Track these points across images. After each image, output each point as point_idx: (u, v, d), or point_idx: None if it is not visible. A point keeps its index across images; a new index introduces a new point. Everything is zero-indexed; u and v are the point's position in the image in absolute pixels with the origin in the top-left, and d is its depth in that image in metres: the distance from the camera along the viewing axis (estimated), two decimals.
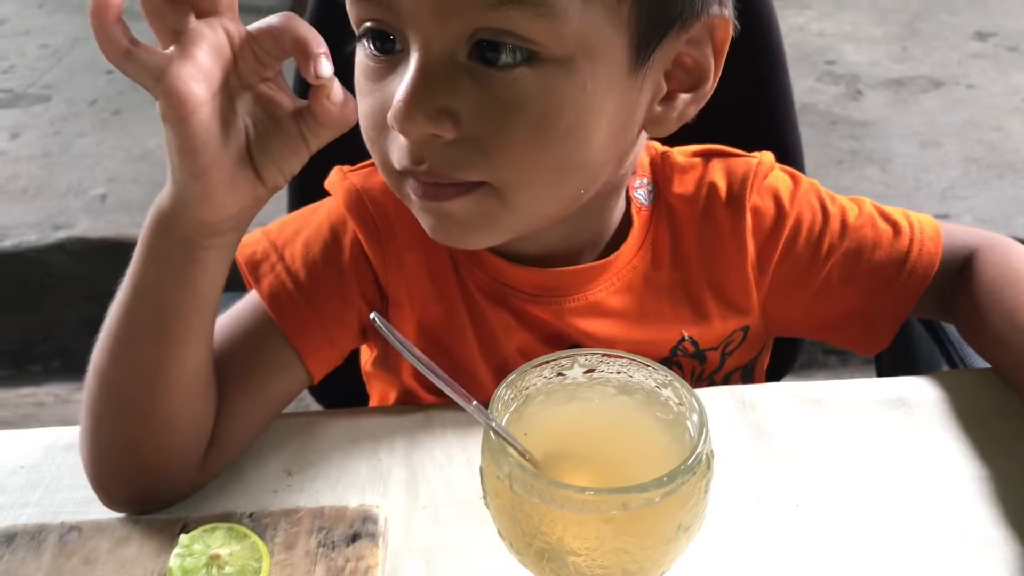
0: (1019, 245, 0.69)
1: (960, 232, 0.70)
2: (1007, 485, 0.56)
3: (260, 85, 0.51)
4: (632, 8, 0.52)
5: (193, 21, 0.49)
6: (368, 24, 0.53)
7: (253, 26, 0.51)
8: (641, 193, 0.67)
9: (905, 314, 0.68)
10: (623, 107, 0.54)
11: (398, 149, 0.54)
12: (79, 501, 0.58)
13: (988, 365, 0.66)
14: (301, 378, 0.63)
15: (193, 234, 0.53)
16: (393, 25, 0.52)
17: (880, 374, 0.84)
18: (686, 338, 0.67)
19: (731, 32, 0.56)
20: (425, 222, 0.57)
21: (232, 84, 0.50)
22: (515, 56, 0.50)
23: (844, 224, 0.68)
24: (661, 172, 0.68)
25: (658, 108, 0.57)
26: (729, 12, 0.56)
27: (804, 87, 2.79)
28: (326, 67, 0.49)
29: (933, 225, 0.69)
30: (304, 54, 0.49)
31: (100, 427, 0.57)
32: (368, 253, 0.64)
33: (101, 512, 0.57)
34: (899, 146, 2.49)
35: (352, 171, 0.67)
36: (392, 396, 0.73)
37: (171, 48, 0.48)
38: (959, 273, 0.68)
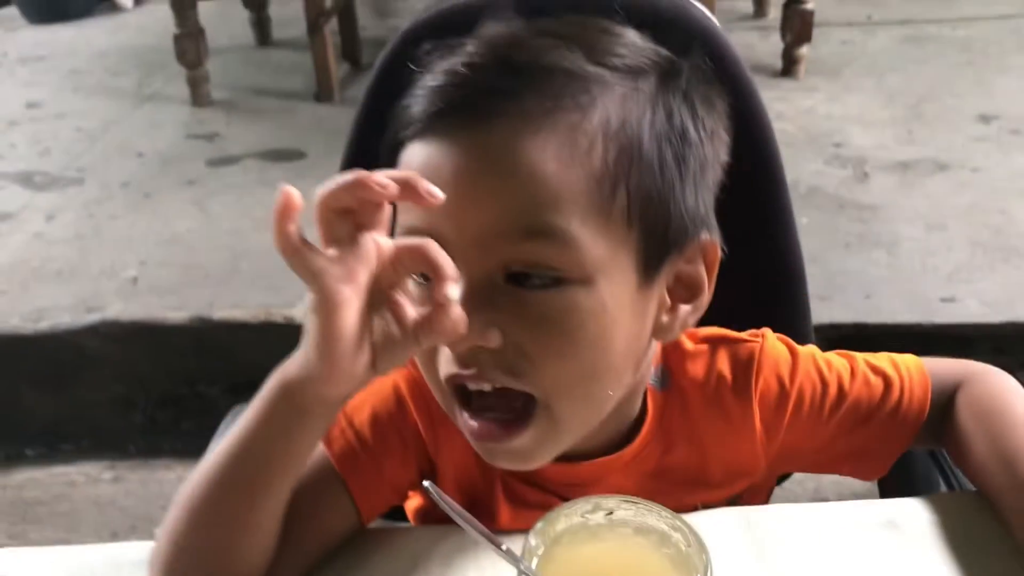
0: (1001, 373, 0.76)
1: (944, 369, 0.77)
2: None
3: (392, 292, 0.59)
4: (639, 237, 0.63)
5: (353, 232, 0.57)
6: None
7: (398, 242, 0.59)
8: (653, 379, 0.75)
9: (900, 452, 0.76)
10: (636, 319, 0.64)
11: (447, 361, 0.62)
12: None
13: None
14: (352, 522, 0.72)
15: (309, 403, 0.61)
16: None
17: (881, 489, 0.90)
18: (698, 506, 0.74)
19: (719, 254, 0.68)
20: (480, 450, 0.66)
21: (372, 289, 0.58)
22: (543, 280, 0.60)
23: (841, 390, 0.76)
24: (672, 357, 0.76)
25: (664, 318, 0.68)
26: (716, 236, 0.67)
27: (812, 170, 2.87)
28: (455, 291, 0.57)
29: (919, 368, 0.77)
30: (438, 275, 0.56)
31: (181, 555, 0.65)
32: (423, 435, 0.74)
33: None
34: (905, 229, 2.55)
35: (413, 362, 0.75)
36: None
37: (331, 251, 0.56)
38: (947, 408, 0.75)
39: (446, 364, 0.64)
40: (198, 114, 3.65)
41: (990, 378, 0.77)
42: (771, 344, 0.77)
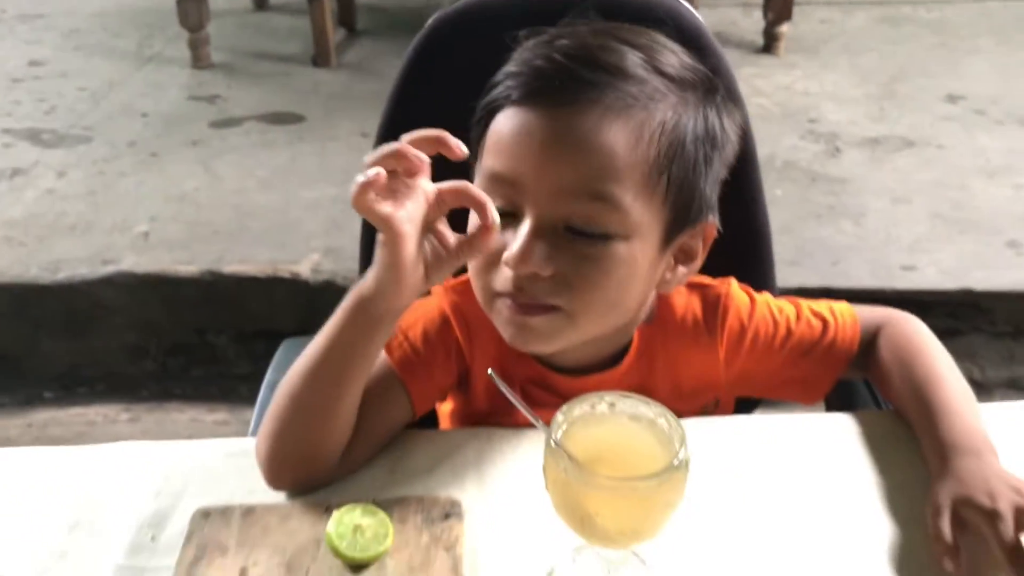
0: (914, 318, 0.95)
1: (870, 314, 0.96)
2: (903, 489, 0.81)
3: (438, 224, 0.77)
4: (668, 213, 0.81)
5: (404, 183, 0.74)
6: (502, 195, 0.80)
7: (440, 185, 0.75)
8: (642, 315, 0.93)
9: (834, 380, 0.96)
10: (650, 272, 0.83)
11: (504, 280, 0.80)
12: (245, 492, 0.82)
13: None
14: (408, 415, 0.90)
15: (381, 312, 0.78)
16: (516, 202, 0.79)
17: (828, 409, 1.08)
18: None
19: (715, 233, 0.87)
20: (506, 331, 0.83)
21: (428, 221, 0.75)
22: (596, 232, 0.79)
23: (788, 328, 0.94)
24: (657, 297, 0.93)
25: (667, 276, 0.87)
26: (715, 218, 0.86)
27: (788, 144, 3.03)
28: (497, 216, 0.74)
29: (851, 313, 0.95)
30: (481, 209, 0.74)
31: (284, 430, 0.82)
32: (463, 348, 0.92)
33: (261, 499, 0.81)
34: (872, 201, 2.72)
35: (451, 287, 0.93)
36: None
37: (387, 203, 0.72)
38: (871, 345, 0.93)
39: (502, 281, 0.81)
40: (199, 76, 3.76)
41: (905, 322, 0.95)
42: (734, 290, 0.96)
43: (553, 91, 0.78)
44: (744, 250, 1.18)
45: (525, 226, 0.78)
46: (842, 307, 0.97)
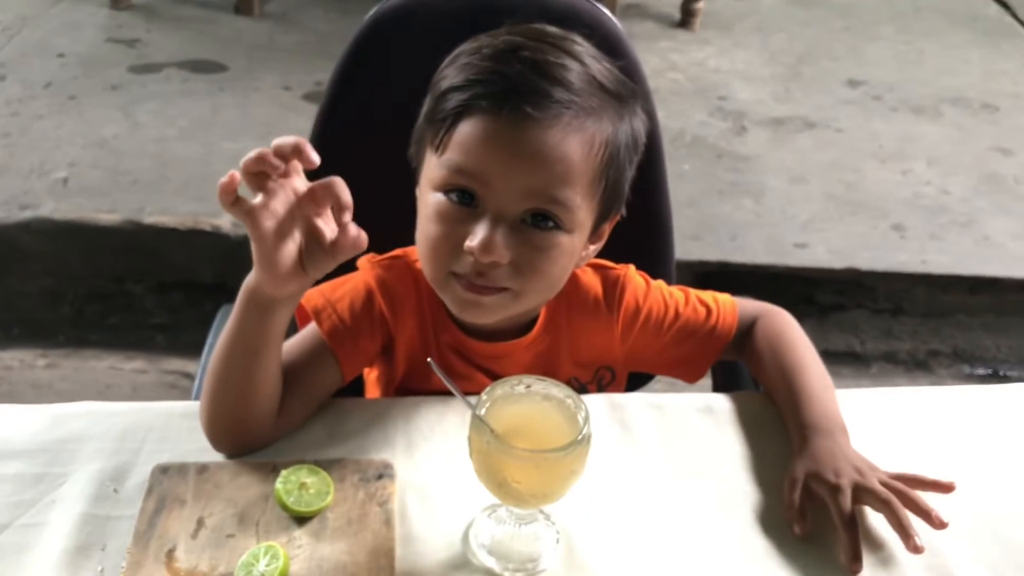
0: (785, 313, 1.09)
1: (749, 306, 1.10)
2: (768, 461, 0.96)
3: (315, 219, 0.82)
4: (600, 209, 0.94)
5: (272, 182, 0.80)
6: (461, 188, 0.89)
7: (313, 183, 0.81)
8: None
9: (712, 361, 1.10)
10: (578, 255, 0.95)
11: (465, 264, 0.90)
12: (197, 451, 0.92)
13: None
14: (338, 380, 0.99)
15: (267, 301, 0.86)
16: (479, 195, 0.89)
17: (715, 389, 1.22)
18: (572, 379, 1.07)
19: (619, 218, 1.00)
20: (457, 305, 0.94)
21: (296, 217, 0.82)
22: (548, 225, 0.90)
23: (677, 312, 1.08)
24: None
25: (582, 254, 0.98)
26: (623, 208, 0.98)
27: (697, 120, 3.16)
28: (348, 217, 0.81)
29: (732, 303, 1.09)
30: (338, 206, 0.81)
31: (214, 404, 0.91)
32: (386, 314, 1.01)
33: (213, 458, 0.91)
34: (772, 180, 2.86)
35: (377, 262, 1.03)
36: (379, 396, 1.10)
37: (259, 197, 0.80)
38: (747, 333, 1.07)
39: (463, 265, 0.90)
40: (117, 18, 3.71)
41: (778, 316, 1.09)
42: (632, 273, 1.08)
43: (522, 103, 0.87)
44: (647, 235, 1.31)
45: (488, 219, 0.88)
46: (724, 297, 1.10)
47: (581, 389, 1.08)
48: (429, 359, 0.81)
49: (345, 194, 0.81)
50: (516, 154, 0.87)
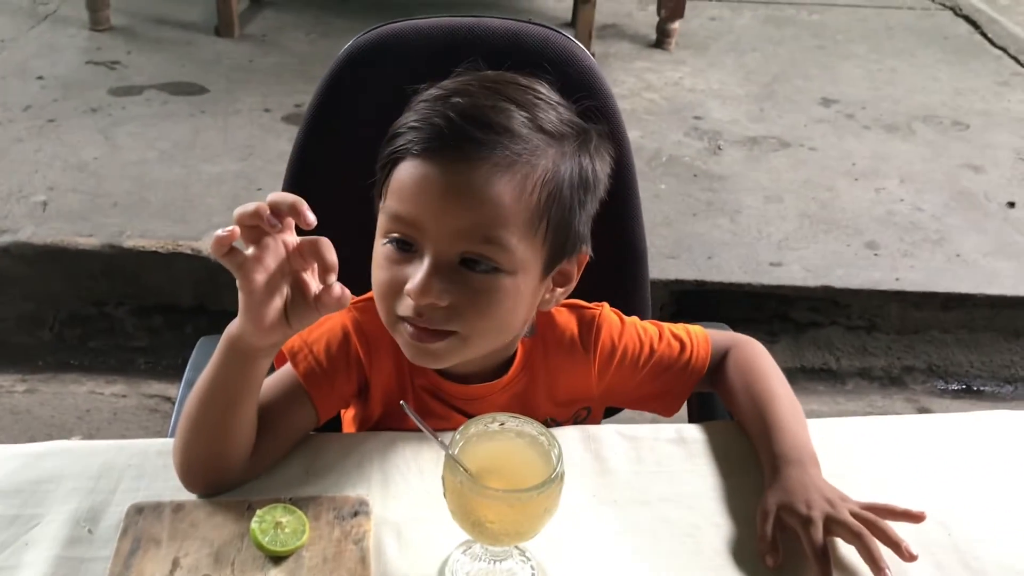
0: (757, 344, 1.11)
1: (720, 337, 1.12)
2: (741, 492, 0.97)
3: (302, 274, 0.84)
4: (547, 250, 0.94)
5: (269, 235, 0.82)
6: (398, 236, 0.91)
7: (302, 239, 0.83)
8: (526, 331, 1.06)
9: (687, 393, 1.11)
10: (532, 297, 0.96)
11: (406, 307, 0.91)
12: (173, 490, 0.92)
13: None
14: (314, 421, 1.00)
15: (249, 350, 0.87)
16: (416, 240, 0.90)
17: (690, 419, 1.24)
18: (549, 419, 1.07)
19: (587, 259, 1.01)
20: (407, 350, 0.95)
21: (285, 271, 0.84)
22: (486, 267, 0.90)
23: (652, 348, 1.09)
24: (539, 316, 1.06)
25: (547, 296, 0.99)
26: (587, 247, 0.99)
27: (673, 140, 3.20)
28: (332, 278, 0.82)
29: (704, 336, 1.11)
30: (323, 267, 0.82)
31: (188, 446, 0.92)
32: (361, 356, 1.02)
33: (188, 496, 0.92)
34: (747, 199, 2.90)
35: (353, 304, 1.03)
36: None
37: (250, 249, 0.82)
38: (719, 365, 1.09)
39: (405, 308, 0.91)
40: (97, 39, 3.71)
41: (749, 347, 1.11)
42: (607, 313, 1.10)
43: (449, 148, 0.89)
44: (622, 262, 1.32)
45: (425, 263, 0.89)
46: (696, 329, 1.12)
47: (556, 424, 1.10)
48: (402, 402, 0.83)
49: (330, 255, 0.82)
50: (444, 197, 0.89)
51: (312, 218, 0.80)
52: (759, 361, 1.08)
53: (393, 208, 0.92)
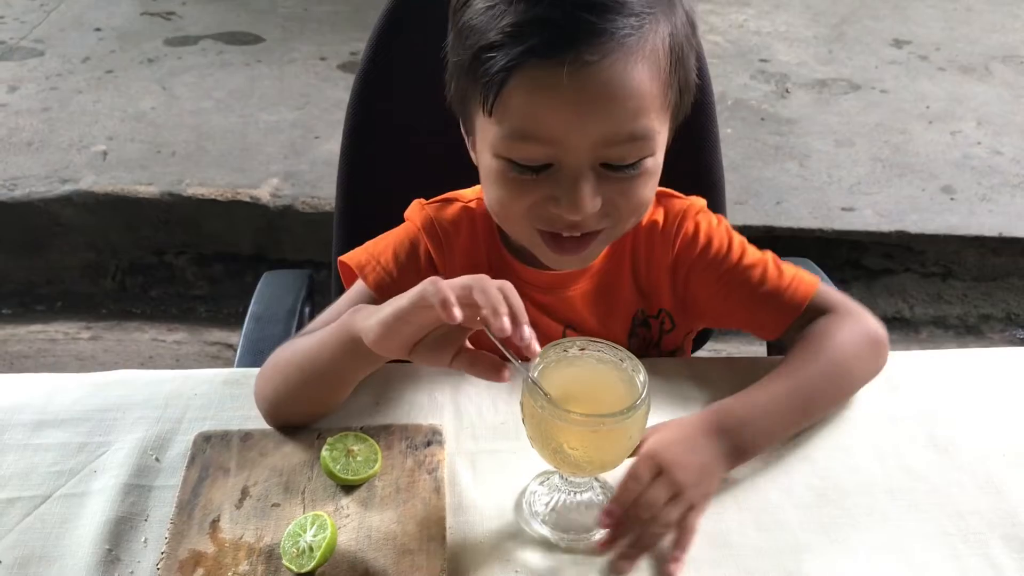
0: (864, 322, 0.96)
1: (834, 295, 0.99)
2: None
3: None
4: (672, 115, 0.86)
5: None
6: (528, 161, 0.82)
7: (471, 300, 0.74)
8: None
9: (778, 329, 0.98)
10: (661, 164, 0.88)
11: (551, 221, 0.85)
12: (240, 419, 0.90)
13: None
14: None
15: (366, 352, 0.80)
16: (551, 156, 0.81)
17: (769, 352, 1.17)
18: (639, 311, 1.01)
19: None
20: (549, 258, 0.89)
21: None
22: (630, 163, 0.83)
23: (742, 258, 0.98)
24: None
25: None
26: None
27: (739, 83, 3.11)
28: (527, 330, 0.72)
29: (814, 280, 0.98)
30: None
31: (285, 404, 0.88)
32: (434, 259, 0.97)
33: (256, 425, 0.89)
34: (817, 143, 2.81)
35: (428, 204, 0.98)
36: None
37: (458, 311, 0.72)
38: (814, 319, 0.96)
39: (550, 223, 0.85)
40: None
41: (849, 322, 0.95)
42: (701, 204, 1.01)
43: (572, 45, 0.77)
44: (700, 195, 1.26)
45: (567, 179, 0.82)
46: (807, 274, 1.00)
47: (645, 324, 1.04)
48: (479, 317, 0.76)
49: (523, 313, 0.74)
50: (581, 104, 0.78)
51: (537, 348, 0.73)
52: (837, 337, 0.93)
53: (517, 126, 0.81)
